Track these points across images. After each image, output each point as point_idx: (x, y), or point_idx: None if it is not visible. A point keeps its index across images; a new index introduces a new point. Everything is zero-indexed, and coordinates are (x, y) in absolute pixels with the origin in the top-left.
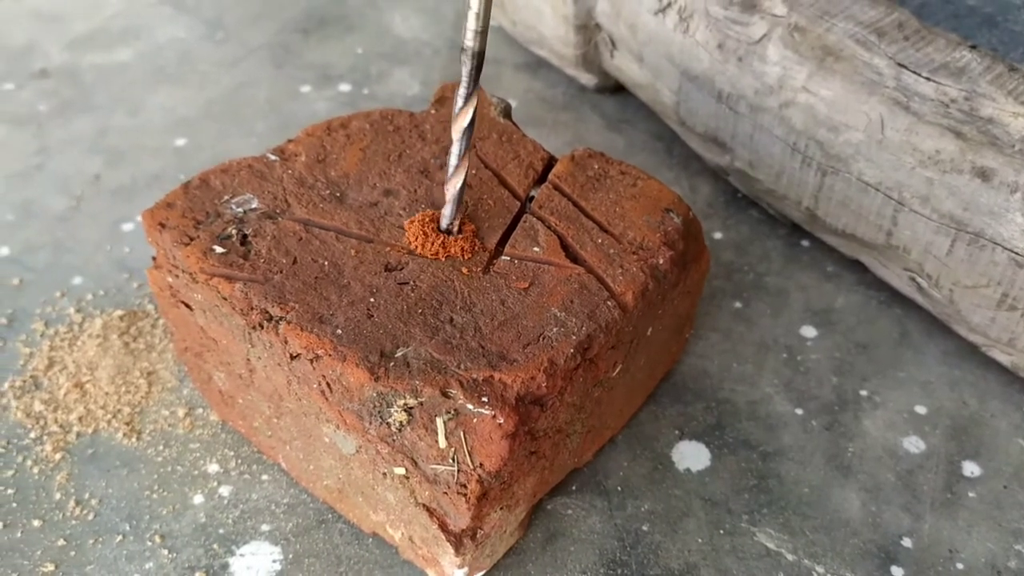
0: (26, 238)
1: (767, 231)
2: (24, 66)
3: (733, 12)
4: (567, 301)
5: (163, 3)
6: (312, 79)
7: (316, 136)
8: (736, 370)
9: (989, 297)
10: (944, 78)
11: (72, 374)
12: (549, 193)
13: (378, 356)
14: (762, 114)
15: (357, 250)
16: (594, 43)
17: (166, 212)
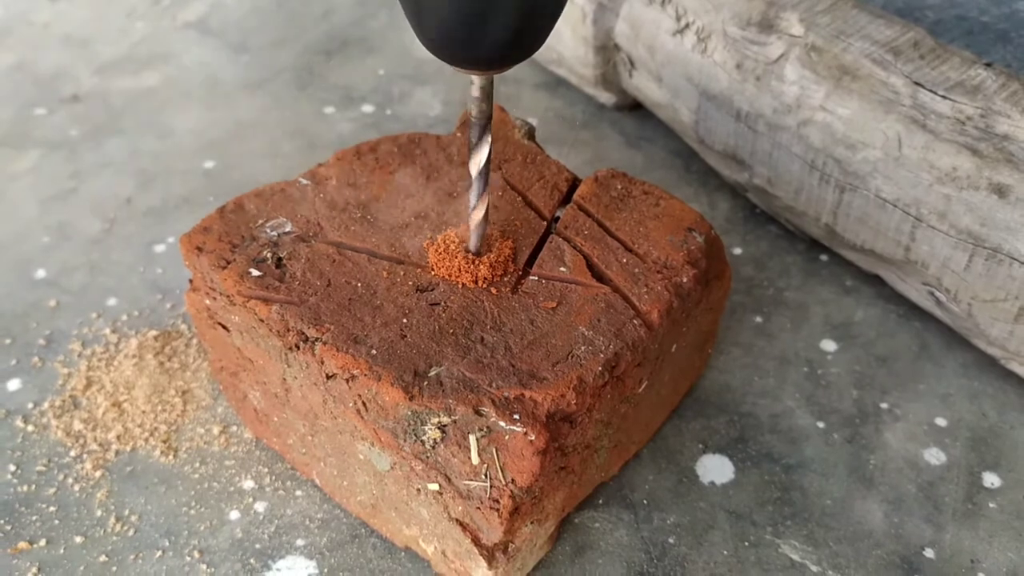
0: (62, 260)
1: (786, 246)
2: (55, 91)
3: (750, 33)
4: (594, 320)
5: (189, 27)
6: (336, 100)
7: (346, 160)
8: (758, 384)
9: (1007, 311)
10: (960, 96)
11: (110, 393)
12: (574, 214)
13: (412, 376)
14: (780, 132)
15: (389, 272)
16: (613, 63)
17: (203, 236)
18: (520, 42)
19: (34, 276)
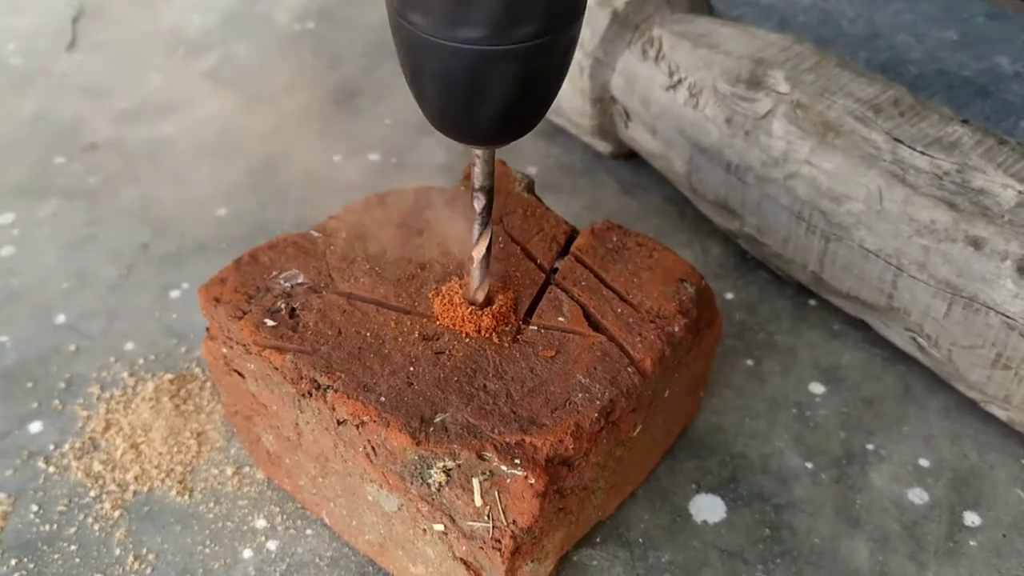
0: (81, 306)
1: (776, 291)
2: (74, 140)
3: (740, 89)
4: (591, 368)
5: (203, 78)
6: (344, 149)
7: (355, 213)
8: (749, 426)
9: (985, 357)
10: (937, 152)
11: (128, 435)
12: (572, 265)
13: (419, 422)
14: (769, 184)
15: (396, 321)
16: (609, 114)
17: (220, 287)
18: (517, 122)
19: (55, 321)
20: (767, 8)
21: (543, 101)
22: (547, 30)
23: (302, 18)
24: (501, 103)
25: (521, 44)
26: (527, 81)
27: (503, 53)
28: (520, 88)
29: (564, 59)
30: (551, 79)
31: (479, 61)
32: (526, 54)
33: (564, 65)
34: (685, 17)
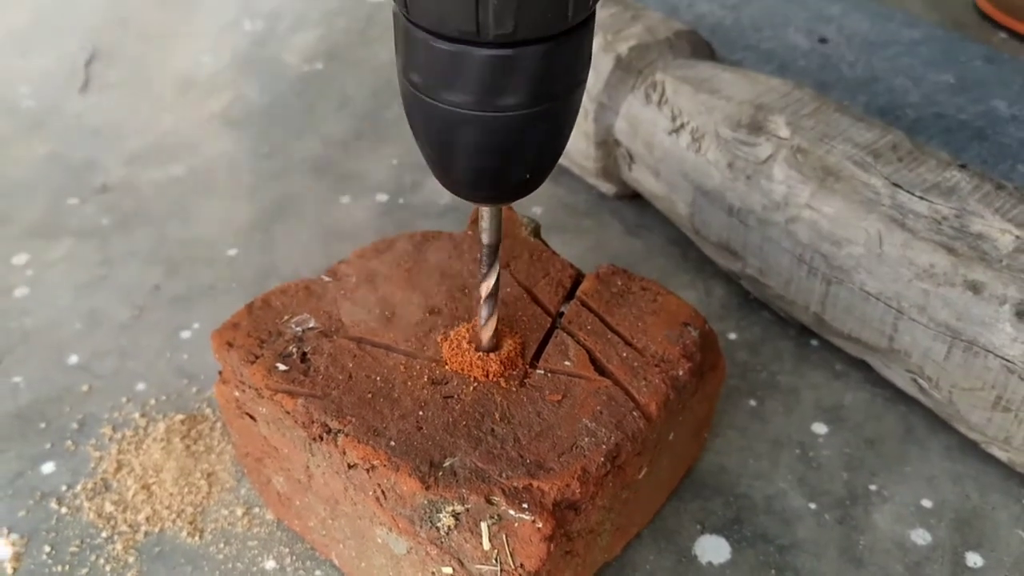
0: (94, 346)
1: (778, 332)
2: (87, 181)
3: (741, 134)
4: (596, 412)
5: (213, 119)
6: (352, 189)
7: (365, 257)
8: (752, 466)
9: (985, 399)
10: (936, 197)
11: (139, 476)
12: (577, 309)
13: (428, 466)
14: (770, 228)
15: (405, 365)
16: (613, 157)
17: (233, 332)
18: (521, 185)
19: (67, 362)
20: (767, 52)
21: (549, 165)
22: (555, 95)
23: (311, 59)
24: (504, 165)
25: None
26: (531, 143)
27: (518, 119)
28: (527, 150)
29: (573, 117)
30: (560, 136)
31: (482, 127)
32: (521, 121)
33: (572, 121)
34: (687, 62)
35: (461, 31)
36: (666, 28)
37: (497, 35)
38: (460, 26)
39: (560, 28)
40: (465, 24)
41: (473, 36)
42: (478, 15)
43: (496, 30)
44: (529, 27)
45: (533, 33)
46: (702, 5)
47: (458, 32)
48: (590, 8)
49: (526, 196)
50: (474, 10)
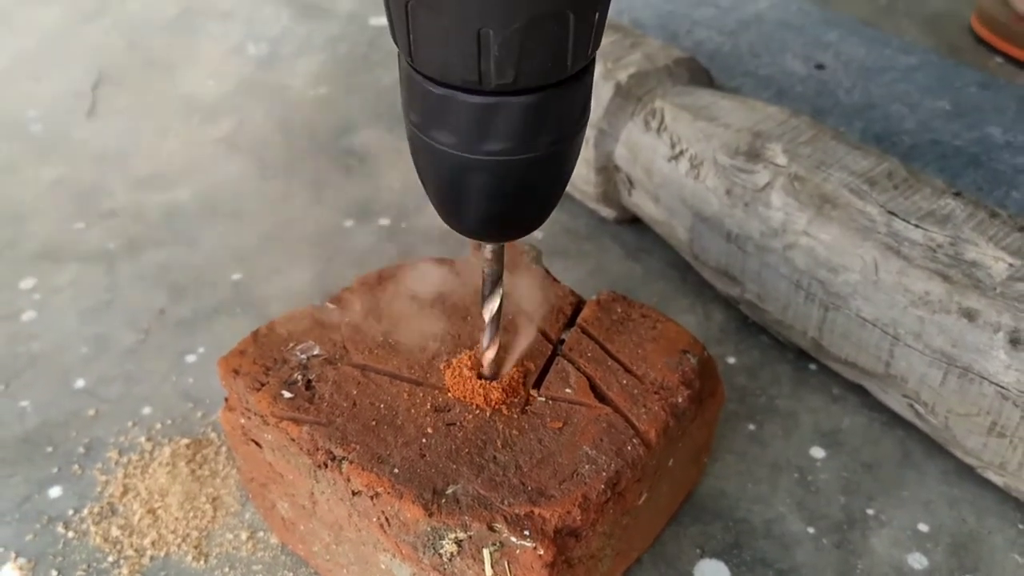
0: (100, 370)
1: (777, 355)
2: (93, 206)
3: (739, 161)
4: (597, 440)
5: (218, 143)
6: (354, 213)
7: (368, 285)
8: (751, 490)
9: (980, 424)
10: (931, 225)
11: (145, 500)
12: (578, 337)
13: (431, 493)
14: (768, 254)
15: (409, 393)
16: (613, 182)
17: (239, 359)
18: (523, 225)
19: (74, 386)
20: (765, 78)
21: (550, 203)
22: (562, 138)
23: (315, 84)
24: (504, 206)
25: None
26: (532, 186)
27: (523, 162)
28: (527, 192)
29: (574, 159)
30: (560, 179)
31: (486, 170)
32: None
33: (572, 164)
34: (686, 89)
35: (464, 80)
36: (665, 55)
37: (498, 84)
38: (463, 76)
39: (560, 77)
40: (467, 74)
41: (475, 85)
42: (480, 65)
43: (497, 80)
44: (529, 77)
45: (533, 82)
46: (701, 31)
47: (461, 81)
48: (588, 57)
49: (528, 235)
50: (476, 61)
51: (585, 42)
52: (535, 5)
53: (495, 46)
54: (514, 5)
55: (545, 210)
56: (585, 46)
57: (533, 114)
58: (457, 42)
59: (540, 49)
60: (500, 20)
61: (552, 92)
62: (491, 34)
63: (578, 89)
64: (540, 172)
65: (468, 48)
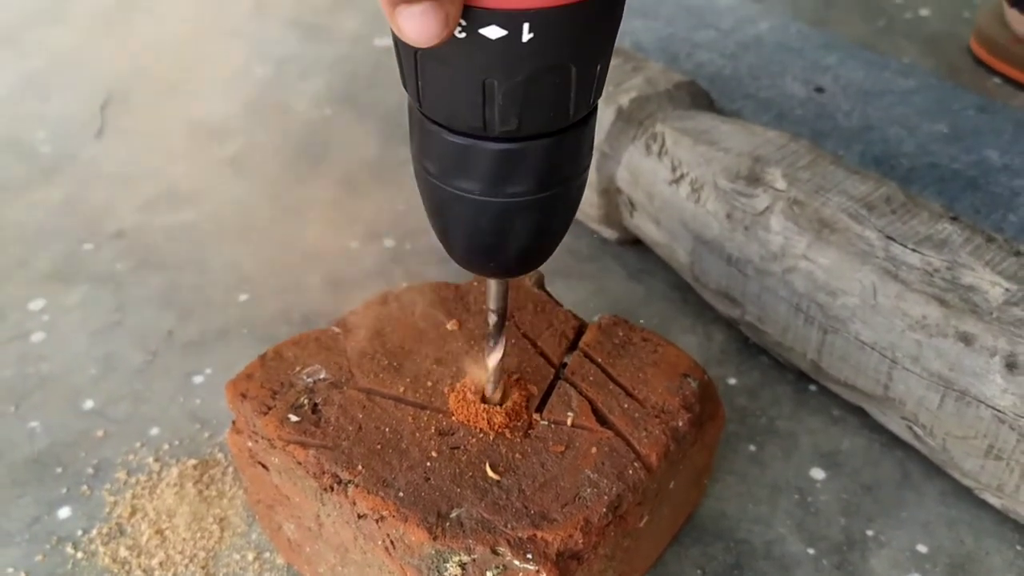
0: (108, 391)
1: (777, 376)
2: (102, 227)
3: (739, 185)
4: (599, 463)
5: (224, 165)
6: (359, 235)
7: (374, 309)
8: (752, 511)
9: (977, 447)
10: (928, 249)
11: (153, 521)
12: (580, 360)
13: (436, 517)
14: (768, 277)
15: (414, 417)
16: (615, 204)
17: (247, 383)
18: (526, 263)
19: (83, 407)
20: (765, 101)
21: (556, 239)
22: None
23: (320, 105)
24: (507, 250)
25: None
26: (534, 228)
27: (525, 204)
28: (529, 234)
29: (577, 199)
30: (562, 221)
31: (487, 212)
32: (543, 203)
33: (575, 206)
34: (687, 113)
35: (469, 127)
36: (666, 80)
37: (502, 131)
38: (468, 123)
39: (562, 125)
40: (473, 121)
41: (480, 131)
42: (485, 113)
43: (501, 127)
44: (532, 125)
45: (537, 130)
46: (701, 54)
47: (467, 127)
48: (591, 106)
49: (531, 271)
50: (481, 109)
51: (587, 92)
52: (538, 59)
53: (499, 96)
54: (518, 59)
55: (550, 247)
56: (587, 96)
57: (538, 159)
58: (463, 91)
59: (543, 99)
60: (504, 72)
61: (556, 138)
62: (496, 85)
63: (582, 134)
64: (545, 212)
65: (474, 97)
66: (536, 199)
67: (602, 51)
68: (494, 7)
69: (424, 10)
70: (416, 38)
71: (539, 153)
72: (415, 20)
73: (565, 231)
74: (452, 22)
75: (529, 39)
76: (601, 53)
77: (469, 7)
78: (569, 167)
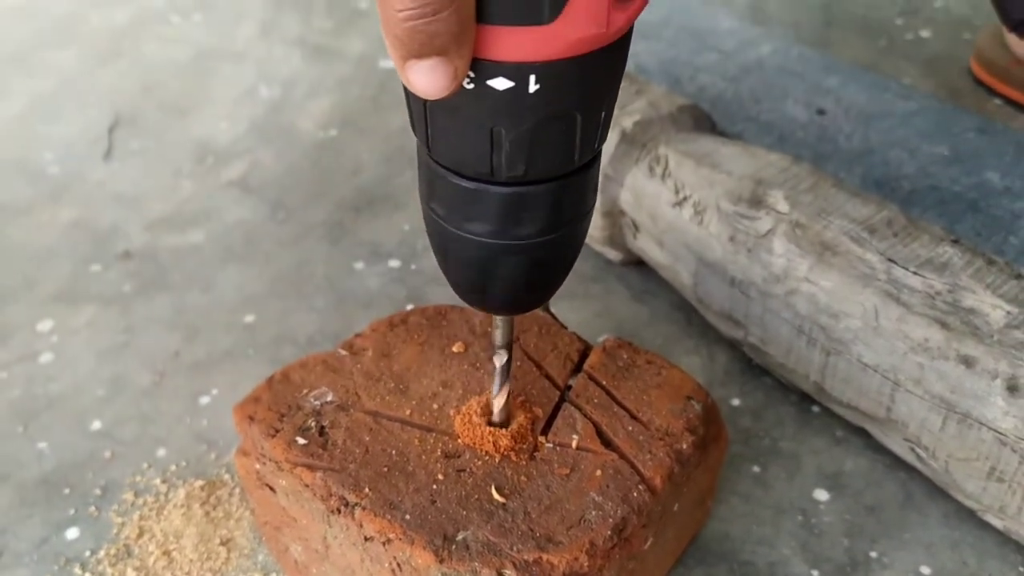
0: (115, 412)
1: (780, 397)
2: (109, 248)
3: (741, 208)
4: (603, 486)
5: (231, 186)
6: (365, 255)
7: (380, 332)
8: (756, 532)
9: (979, 469)
10: (929, 272)
11: (160, 542)
12: (585, 383)
13: (442, 539)
14: (770, 299)
15: (420, 439)
16: (619, 226)
17: (254, 406)
18: (531, 301)
19: (91, 428)
20: (767, 124)
21: (559, 277)
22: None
23: (325, 126)
24: (509, 288)
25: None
26: (540, 267)
27: (521, 247)
28: (535, 273)
29: (582, 237)
30: (567, 260)
31: (494, 253)
32: (538, 246)
33: (579, 245)
34: (689, 136)
35: (477, 172)
36: (669, 103)
37: (509, 176)
38: (476, 168)
39: (567, 170)
40: (480, 167)
41: (488, 176)
42: (492, 160)
43: (508, 172)
44: (539, 170)
45: (542, 175)
46: (704, 77)
47: (474, 172)
48: (595, 151)
49: (535, 308)
50: (489, 155)
51: (592, 138)
52: (544, 108)
53: (506, 143)
54: (525, 108)
55: (555, 285)
56: (592, 142)
57: (544, 202)
58: (471, 138)
59: (549, 146)
60: (511, 121)
61: (562, 182)
62: (503, 133)
63: (587, 177)
64: (551, 252)
65: (481, 144)
66: (541, 241)
67: (606, 99)
68: (501, 60)
69: (433, 65)
70: (425, 91)
71: (544, 197)
72: (425, 74)
73: (569, 270)
74: (461, 76)
75: (536, 90)
76: (605, 101)
77: (477, 60)
78: (573, 210)
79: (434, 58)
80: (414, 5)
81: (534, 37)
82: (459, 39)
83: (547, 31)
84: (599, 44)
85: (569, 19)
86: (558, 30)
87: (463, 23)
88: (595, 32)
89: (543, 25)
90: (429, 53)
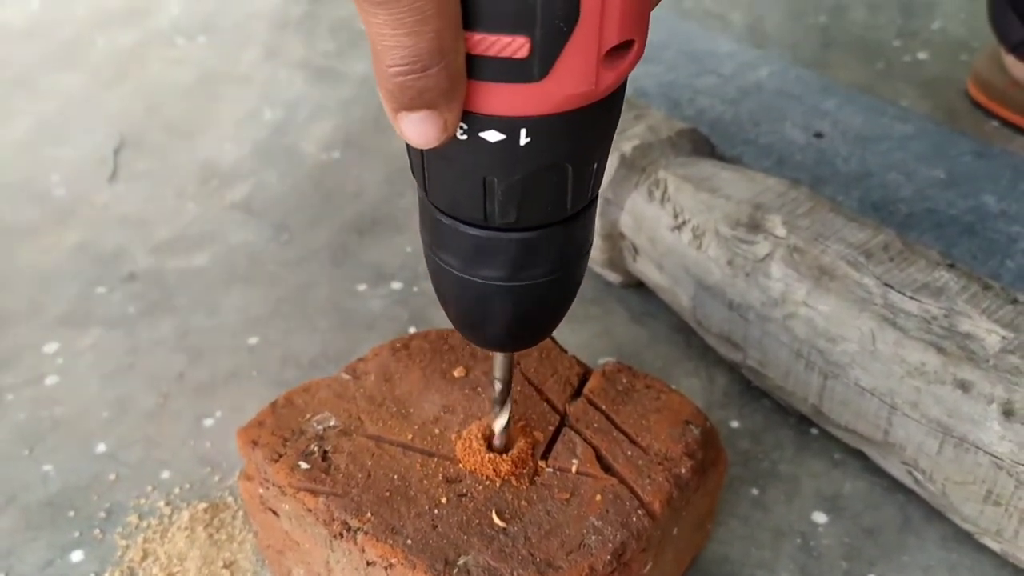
0: (120, 435)
1: (779, 420)
2: (114, 271)
3: (740, 232)
4: (603, 511)
5: (235, 208)
6: (367, 277)
7: (382, 356)
8: (755, 555)
9: (976, 492)
10: (926, 297)
11: (164, 565)
12: (584, 407)
13: (443, 564)
14: (768, 323)
15: (421, 464)
16: (619, 249)
17: (258, 431)
18: (531, 336)
19: (95, 450)
20: (765, 147)
21: (557, 313)
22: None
23: (328, 148)
24: (502, 326)
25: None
26: (537, 308)
27: (516, 288)
28: (533, 313)
29: (580, 277)
30: (565, 300)
31: (491, 294)
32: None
33: (577, 284)
34: (688, 160)
35: (472, 218)
36: (668, 127)
37: (502, 223)
38: (470, 214)
39: (560, 217)
40: (474, 212)
41: (482, 222)
42: (485, 207)
43: (501, 219)
44: (531, 218)
45: (535, 222)
46: (703, 100)
47: (469, 218)
48: (589, 198)
49: (527, 348)
50: (482, 202)
51: (584, 188)
52: (535, 160)
53: (499, 192)
54: (516, 160)
55: (552, 323)
56: (584, 191)
57: (538, 247)
58: (465, 186)
59: (541, 195)
60: (503, 172)
61: (556, 228)
62: (495, 182)
63: (582, 223)
64: (549, 293)
65: (475, 192)
66: (537, 283)
67: (598, 150)
68: (492, 114)
69: (423, 117)
70: (417, 141)
71: (539, 242)
72: (415, 126)
73: (567, 309)
74: (451, 127)
75: (527, 143)
76: (597, 153)
77: (469, 113)
78: (568, 253)
79: (424, 111)
80: (404, 62)
81: (524, 94)
82: (448, 94)
83: (537, 88)
84: (589, 101)
85: (558, 77)
86: (547, 88)
87: (453, 79)
88: (584, 90)
89: (532, 83)
90: (419, 106)
